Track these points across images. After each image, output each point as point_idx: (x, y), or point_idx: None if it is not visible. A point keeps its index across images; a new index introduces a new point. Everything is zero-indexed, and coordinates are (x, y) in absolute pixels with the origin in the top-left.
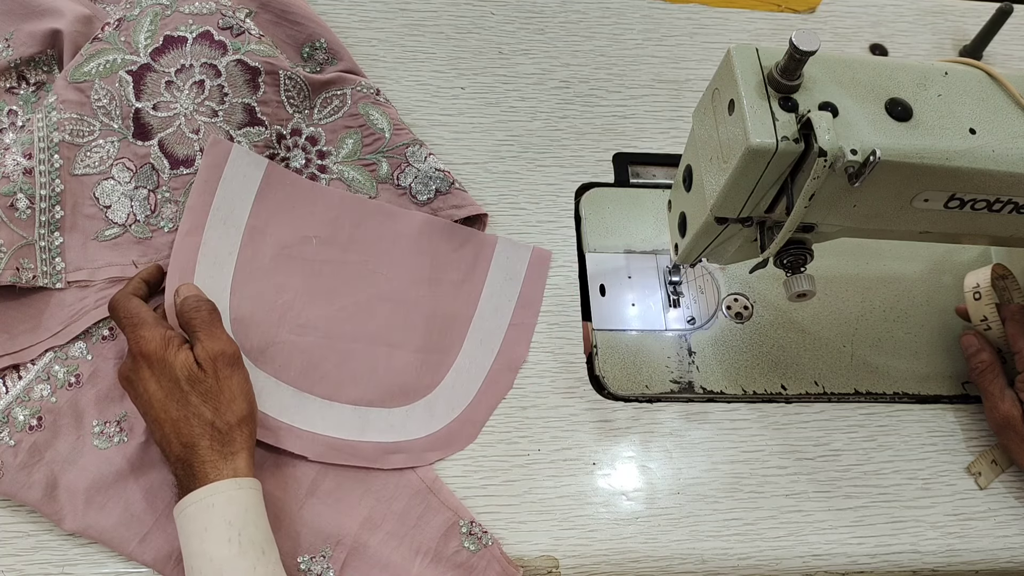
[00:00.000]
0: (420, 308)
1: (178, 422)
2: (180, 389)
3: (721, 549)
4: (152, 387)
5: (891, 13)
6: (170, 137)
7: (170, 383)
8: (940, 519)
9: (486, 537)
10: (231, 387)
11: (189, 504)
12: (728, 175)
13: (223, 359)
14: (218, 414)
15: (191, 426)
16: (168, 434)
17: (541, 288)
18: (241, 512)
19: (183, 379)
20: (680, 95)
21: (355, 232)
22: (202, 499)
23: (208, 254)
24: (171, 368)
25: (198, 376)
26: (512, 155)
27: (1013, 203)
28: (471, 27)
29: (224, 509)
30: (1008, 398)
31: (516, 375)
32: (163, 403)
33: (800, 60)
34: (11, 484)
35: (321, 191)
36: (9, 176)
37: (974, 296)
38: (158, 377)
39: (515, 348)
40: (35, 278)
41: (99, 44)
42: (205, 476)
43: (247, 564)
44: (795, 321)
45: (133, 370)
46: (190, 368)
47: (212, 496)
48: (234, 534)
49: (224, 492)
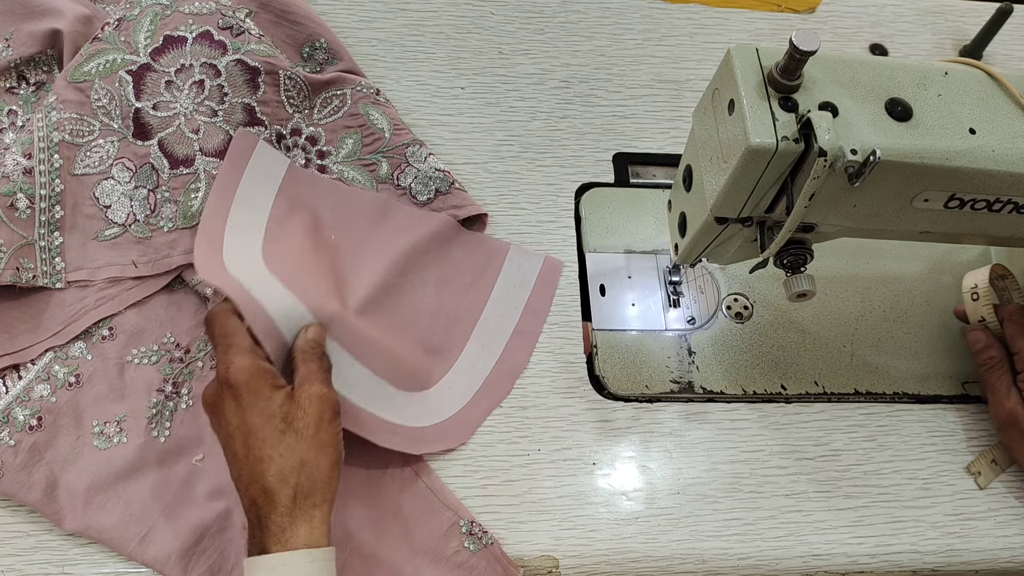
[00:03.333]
0: (426, 306)
1: (262, 462)
2: (274, 427)
3: (721, 549)
4: (236, 420)
5: (891, 13)
6: (170, 137)
7: (263, 419)
8: (940, 519)
9: (486, 537)
10: (328, 436)
11: (257, 570)
12: (728, 175)
13: (328, 405)
14: (309, 463)
15: (277, 470)
16: (247, 474)
17: (550, 298)
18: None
19: (279, 416)
20: (680, 95)
21: (372, 229)
22: (273, 568)
23: (235, 227)
24: (268, 402)
25: (298, 415)
26: (512, 155)
27: (1013, 203)
28: (471, 27)
29: None
30: (1014, 395)
31: (515, 381)
32: (247, 439)
33: (800, 60)
34: (11, 484)
35: (343, 191)
36: (9, 176)
37: (972, 297)
38: (245, 410)
39: (517, 355)
40: (35, 278)
41: (99, 44)
42: (280, 539)
43: None
44: (795, 321)
45: (218, 397)
46: (289, 406)
47: (283, 567)
48: None
49: (298, 566)
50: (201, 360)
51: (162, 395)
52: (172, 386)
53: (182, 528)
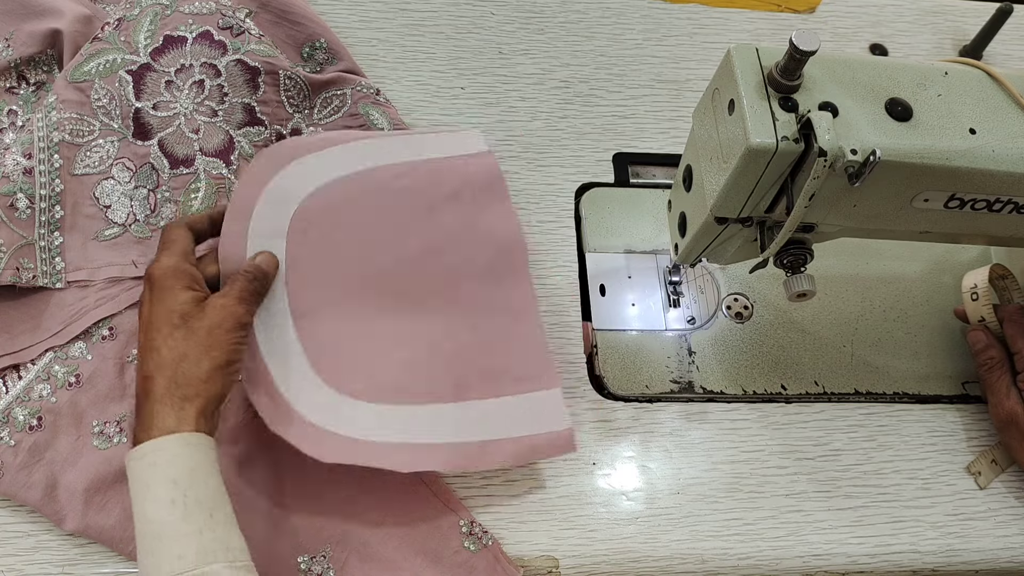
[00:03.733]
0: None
1: (149, 352)
2: (170, 321)
3: (721, 549)
4: (145, 312)
5: (891, 13)
6: (170, 137)
7: (163, 312)
8: (940, 519)
9: (486, 537)
10: (218, 340)
11: (132, 459)
12: (728, 175)
13: (230, 316)
14: (189, 358)
15: (159, 359)
16: (139, 363)
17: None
18: (187, 472)
19: (178, 312)
20: (680, 95)
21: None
22: (144, 455)
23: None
24: (172, 298)
25: (195, 315)
26: (512, 155)
27: (1013, 203)
28: (471, 27)
29: (166, 468)
30: (1014, 395)
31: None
32: (147, 330)
33: (800, 60)
34: (11, 484)
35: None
36: (9, 176)
37: (972, 297)
38: (153, 304)
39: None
40: (35, 278)
41: (99, 44)
42: (147, 426)
43: (191, 528)
44: (795, 321)
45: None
46: (191, 306)
47: (155, 453)
48: (179, 495)
49: (168, 449)
50: None
51: None
52: None
53: None
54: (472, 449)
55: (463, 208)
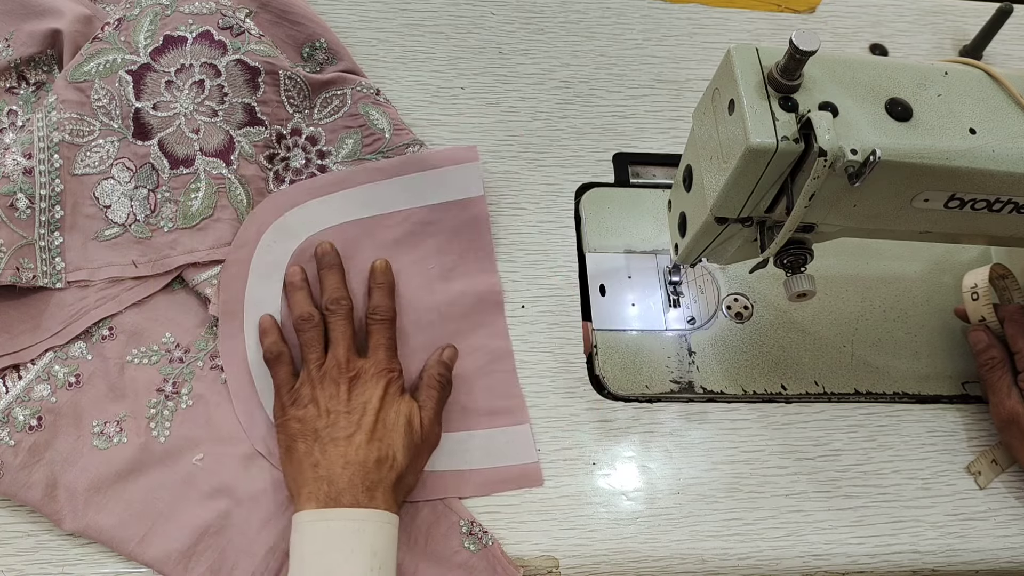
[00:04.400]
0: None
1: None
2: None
3: (721, 549)
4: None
5: (891, 13)
6: (170, 137)
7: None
8: (940, 519)
9: (486, 537)
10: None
11: (338, 519)
12: (728, 175)
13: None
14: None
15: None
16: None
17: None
18: (385, 546)
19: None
20: (680, 95)
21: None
22: (354, 518)
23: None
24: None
25: (417, 432)
26: (512, 155)
27: (1013, 203)
28: (471, 27)
29: (371, 539)
30: (1015, 395)
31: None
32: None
33: (800, 60)
34: (11, 484)
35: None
36: (9, 176)
37: (972, 296)
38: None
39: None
40: (35, 278)
41: (99, 44)
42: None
43: None
44: (795, 321)
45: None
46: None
47: (363, 522)
48: (376, 565)
49: (375, 521)
50: (201, 360)
51: (162, 395)
52: (172, 386)
53: (182, 528)
54: (445, 479)
55: (448, 260)
